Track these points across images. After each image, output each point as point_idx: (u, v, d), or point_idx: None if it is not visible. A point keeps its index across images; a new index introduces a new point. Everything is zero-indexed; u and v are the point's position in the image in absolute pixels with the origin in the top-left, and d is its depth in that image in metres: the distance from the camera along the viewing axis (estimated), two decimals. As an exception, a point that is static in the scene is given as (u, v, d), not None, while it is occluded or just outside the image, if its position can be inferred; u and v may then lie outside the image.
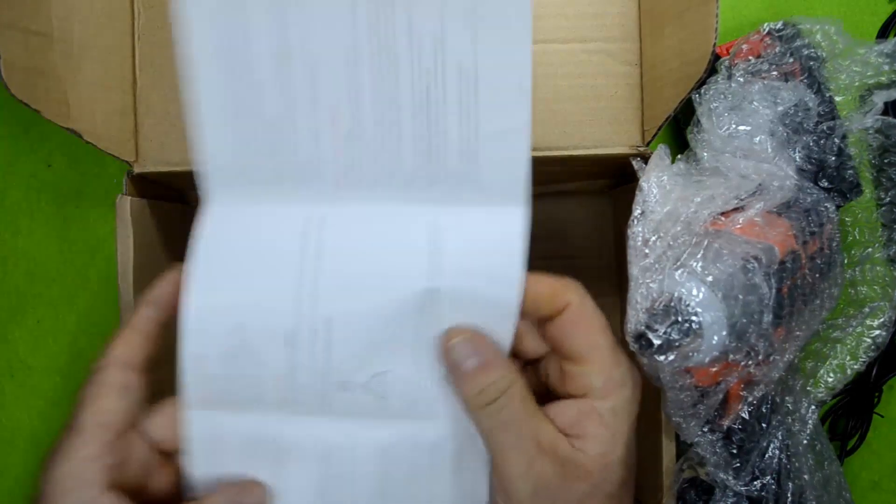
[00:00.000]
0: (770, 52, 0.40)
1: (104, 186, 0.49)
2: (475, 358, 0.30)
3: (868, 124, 0.39)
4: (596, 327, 0.31)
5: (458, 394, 0.30)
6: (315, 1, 0.28)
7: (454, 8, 0.28)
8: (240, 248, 0.29)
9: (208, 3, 0.28)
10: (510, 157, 0.30)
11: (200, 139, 0.30)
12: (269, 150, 0.30)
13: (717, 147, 0.36)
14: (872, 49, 0.39)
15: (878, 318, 0.41)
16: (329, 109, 0.30)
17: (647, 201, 0.33)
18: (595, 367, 0.30)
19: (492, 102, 0.30)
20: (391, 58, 0.29)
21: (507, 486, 0.29)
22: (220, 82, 0.29)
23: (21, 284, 0.49)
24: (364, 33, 0.28)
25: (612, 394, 0.30)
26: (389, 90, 0.29)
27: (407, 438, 0.31)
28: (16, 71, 0.33)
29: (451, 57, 0.29)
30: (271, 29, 0.28)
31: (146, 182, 0.42)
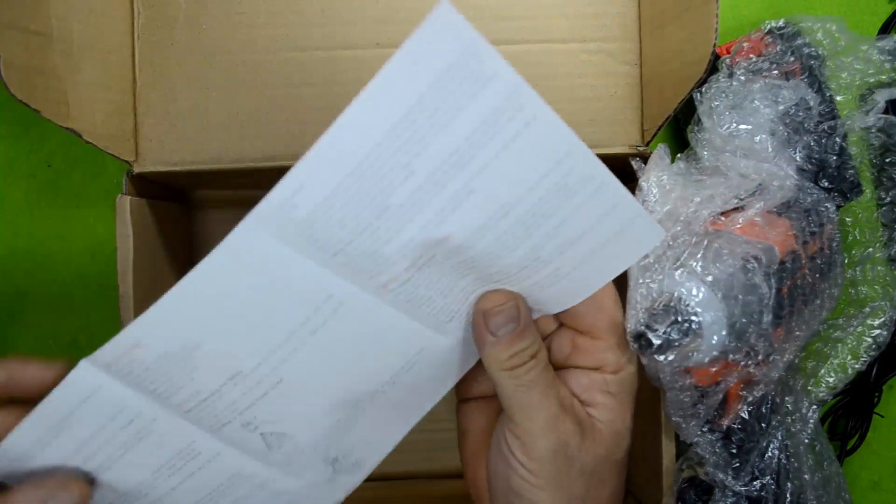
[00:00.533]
0: (771, 50, 0.40)
1: (104, 186, 0.49)
2: (513, 324, 0.30)
3: (870, 123, 0.39)
4: (613, 303, 0.32)
5: (485, 355, 0.31)
6: None
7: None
8: (254, 278, 0.26)
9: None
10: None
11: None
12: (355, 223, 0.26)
13: (718, 146, 0.36)
14: (875, 45, 0.39)
15: (879, 318, 0.41)
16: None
17: (646, 201, 0.33)
18: (611, 343, 0.31)
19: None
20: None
21: (530, 442, 0.30)
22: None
23: (21, 284, 0.49)
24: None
25: (622, 369, 0.32)
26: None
27: (263, 481, 0.31)
28: (15, 71, 0.33)
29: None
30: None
31: (146, 182, 0.42)
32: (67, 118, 0.36)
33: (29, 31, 0.34)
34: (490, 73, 0.22)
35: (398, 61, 0.21)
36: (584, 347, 0.32)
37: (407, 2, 0.42)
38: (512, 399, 0.30)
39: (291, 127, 0.42)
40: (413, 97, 0.22)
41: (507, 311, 0.30)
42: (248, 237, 0.24)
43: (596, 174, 0.26)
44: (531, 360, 0.31)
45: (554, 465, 0.30)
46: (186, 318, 0.26)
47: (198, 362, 0.27)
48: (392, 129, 0.22)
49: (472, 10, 0.42)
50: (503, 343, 0.30)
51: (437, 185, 0.24)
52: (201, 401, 0.28)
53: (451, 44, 0.21)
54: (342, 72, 0.42)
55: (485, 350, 0.31)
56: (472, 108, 0.23)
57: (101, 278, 0.49)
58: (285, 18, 0.42)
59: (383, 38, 0.42)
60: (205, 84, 0.42)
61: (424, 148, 0.23)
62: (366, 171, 0.23)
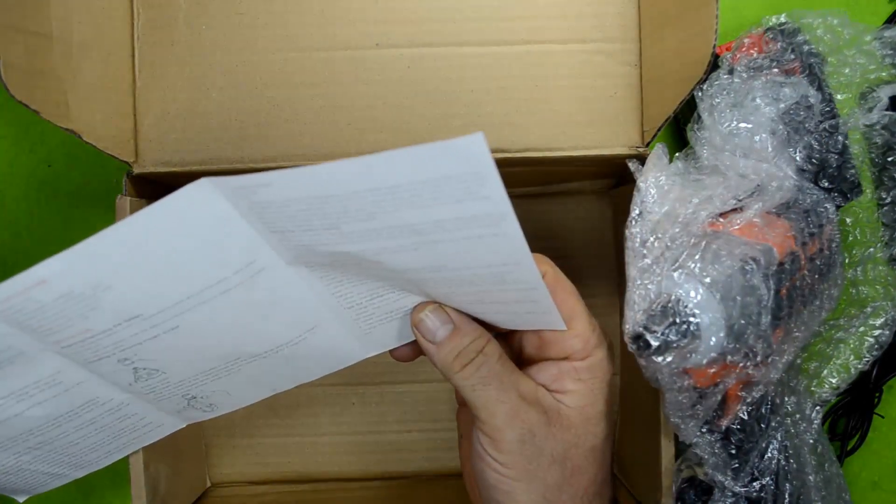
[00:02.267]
0: (772, 47, 0.40)
1: (104, 186, 0.49)
2: (446, 325, 0.31)
3: (874, 120, 0.39)
4: (571, 293, 0.33)
5: (436, 364, 0.31)
6: None
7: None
8: (190, 230, 0.26)
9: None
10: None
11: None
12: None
13: (718, 144, 0.36)
14: (880, 34, 0.39)
15: (881, 318, 0.41)
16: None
17: (644, 202, 0.33)
18: (575, 332, 0.32)
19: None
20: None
21: (496, 436, 0.31)
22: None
23: (21, 284, 0.49)
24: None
25: (590, 354, 0.32)
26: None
27: (117, 405, 0.34)
28: (15, 71, 0.33)
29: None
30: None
31: (146, 182, 0.42)
32: (67, 118, 0.37)
33: (29, 32, 0.34)
34: (484, 195, 0.24)
35: (416, 152, 0.23)
36: (550, 339, 0.32)
37: (407, 2, 0.42)
38: (472, 398, 0.31)
39: (291, 127, 0.42)
40: (407, 178, 0.24)
41: (435, 314, 0.31)
42: (201, 192, 0.25)
43: (531, 280, 0.29)
44: (479, 355, 0.31)
45: (523, 456, 0.30)
46: (110, 260, 0.26)
47: (100, 303, 0.27)
48: (373, 189, 0.24)
49: (472, 11, 0.42)
50: (445, 346, 0.31)
51: (391, 235, 0.27)
52: (87, 338, 0.29)
53: (465, 163, 0.24)
54: (342, 72, 0.42)
55: (434, 359, 0.31)
56: (453, 207, 0.25)
57: (101, 278, 0.49)
58: (285, 18, 0.42)
59: (383, 39, 0.42)
60: (205, 84, 0.42)
61: (394, 211, 0.25)
62: (333, 202, 0.25)
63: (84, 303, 0.27)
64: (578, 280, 0.50)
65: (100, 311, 0.28)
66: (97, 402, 0.33)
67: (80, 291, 0.27)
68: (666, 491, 0.38)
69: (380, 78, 0.42)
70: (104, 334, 0.29)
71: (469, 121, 0.42)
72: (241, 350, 0.33)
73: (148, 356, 0.31)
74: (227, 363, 0.34)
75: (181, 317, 0.29)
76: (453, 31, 0.42)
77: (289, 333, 0.33)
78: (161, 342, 0.30)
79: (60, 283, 0.26)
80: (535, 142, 0.42)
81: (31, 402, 0.31)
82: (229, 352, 0.33)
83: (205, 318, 0.30)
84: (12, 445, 0.33)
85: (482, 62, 0.42)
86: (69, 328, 0.28)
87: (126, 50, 0.42)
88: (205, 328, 0.30)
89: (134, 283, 0.27)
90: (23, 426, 0.32)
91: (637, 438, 0.45)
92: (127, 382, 0.32)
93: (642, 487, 0.43)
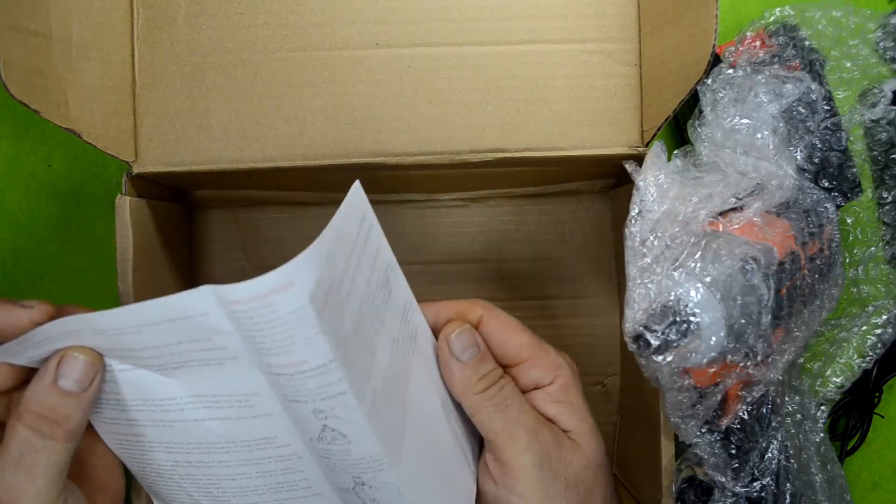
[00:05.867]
0: (773, 41, 0.40)
1: (104, 186, 0.49)
2: (474, 348, 0.31)
3: (878, 115, 0.39)
4: (514, 328, 0.33)
5: (455, 382, 0.31)
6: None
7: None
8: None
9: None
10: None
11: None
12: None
13: (719, 141, 0.36)
14: (887, 20, 0.39)
15: (883, 316, 0.41)
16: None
17: (644, 200, 0.33)
18: (531, 361, 0.32)
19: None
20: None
21: (514, 460, 0.31)
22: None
23: (21, 284, 0.49)
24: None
25: (556, 378, 0.33)
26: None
27: (289, 454, 0.31)
28: (15, 71, 0.33)
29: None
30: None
31: (146, 182, 0.42)
32: (67, 118, 0.36)
33: (29, 32, 0.34)
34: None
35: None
36: (516, 375, 0.33)
37: (407, 2, 0.42)
38: (492, 421, 0.31)
39: (291, 127, 0.42)
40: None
41: (467, 334, 0.32)
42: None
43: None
44: (501, 379, 0.32)
45: (540, 483, 0.30)
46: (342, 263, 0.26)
47: (334, 324, 0.26)
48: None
49: (472, 11, 0.42)
50: (471, 366, 0.31)
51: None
52: (297, 372, 0.26)
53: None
54: (342, 72, 0.42)
55: (455, 377, 0.31)
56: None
57: (101, 278, 0.49)
58: (285, 18, 0.42)
59: (383, 39, 0.42)
60: (204, 84, 0.42)
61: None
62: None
63: (313, 322, 0.25)
64: (579, 280, 0.50)
65: (324, 339, 0.25)
66: (273, 443, 0.30)
67: (320, 302, 0.25)
68: (666, 491, 0.38)
69: (380, 78, 0.42)
70: (317, 371, 0.26)
71: (469, 121, 0.42)
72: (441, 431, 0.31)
73: (342, 414, 0.28)
74: (419, 448, 0.31)
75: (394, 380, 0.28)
76: (453, 31, 0.42)
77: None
78: (353, 400, 0.27)
79: (303, 290, 0.24)
80: (535, 142, 0.42)
81: (215, 413, 0.29)
82: (432, 433, 0.31)
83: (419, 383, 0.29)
84: (178, 450, 0.31)
85: (482, 62, 0.42)
86: (289, 353, 0.26)
87: (126, 50, 0.42)
88: (419, 395, 0.29)
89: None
90: (196, 435, 0.30)
91: (637, 438, 0.45)
92: (310, 437, 0.29)
93: (642, 487, 0.43)
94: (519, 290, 0.50)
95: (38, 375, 0.28)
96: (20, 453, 0.27)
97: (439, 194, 0.50)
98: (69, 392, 0.27)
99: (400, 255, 0.32)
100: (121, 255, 0.39)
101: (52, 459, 0.27)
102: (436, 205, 0.50)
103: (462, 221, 0.50)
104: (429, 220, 0.50)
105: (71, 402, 0.27)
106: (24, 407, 0.27)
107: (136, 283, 0.39)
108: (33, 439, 0.27)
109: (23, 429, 0.27)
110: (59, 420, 0.27)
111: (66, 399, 0.27)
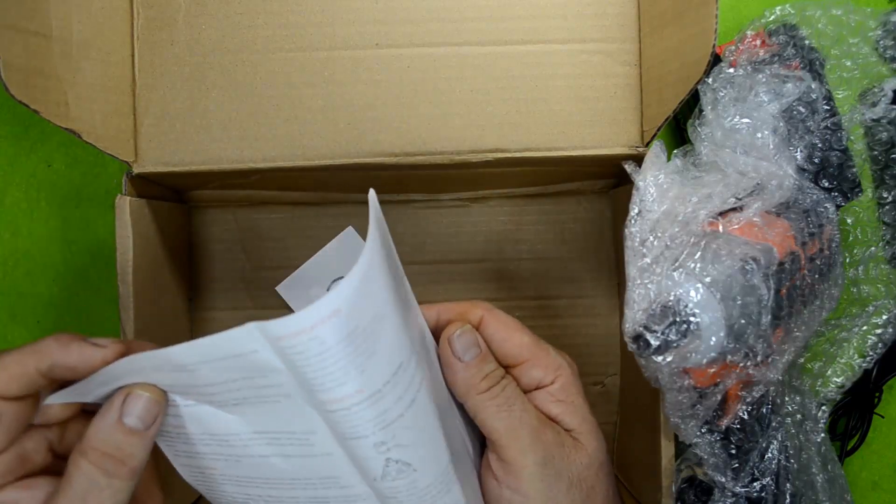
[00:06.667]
0: (774, 40, 0.40)
1: (104, 186, 0.49)
2: (476, 348, 0.31)
3: (879, 114, 0.39)
4: (514, 328, 0.33)
5: (458, 382, 0.31)
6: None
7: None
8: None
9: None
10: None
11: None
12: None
13: (719, 140, 0.35)
14: (887, 17, 0.39)
15: (883, 316, 0.41)
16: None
17: (643, 200, 0.33)
18: (531, 361, 0.32)
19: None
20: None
21: (518, 460, 0.31)
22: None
23: (21, 284, 0.49)
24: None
25: (557, 377, 0.32)
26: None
27: (352, 496, 0.31)
28: (15, 71, 0.33)
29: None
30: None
31: (146, 182, 0.42)
32: (67, 118, 0.36)
33: (29, 32, 0.34)
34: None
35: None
36: (517, 375, 0.33)
37: (407, 2, 0.42)
38: (495, 421, 0.31)
39: (291, 127, 0.42)
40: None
41: (468, 334, 0.32)
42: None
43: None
44: (503, 379, 0.32)
45: (543, 482, 0.30)
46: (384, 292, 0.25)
47: (378, 346, 0.25)
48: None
49: (472, 11, 0.42)
50: (473, 366, 0.31)
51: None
52: (353, 405, 0.26)
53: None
54: (342, 72, 0.42)
55: (457, 377, 0.31)
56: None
57: (101, 278, 0.49)
58: (285, 18, 0.42)
59: (383, 39, 0.42)
60: (204, 84, 0.42)
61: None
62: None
63: (365, 345, 0.24)
64: (579, 280, 0.50)
65: (378, 361, 0.25)
66: (337, 483, 0.30)
67: (364, 327, 0.24)
68: (666, 491, 0.38)
69: (380, 78, 0.42)
70: (375, 398, 0.25)
71: (469, 121, 0.42)
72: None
73: (404, 440, 0.27)
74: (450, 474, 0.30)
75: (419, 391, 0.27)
76: (453, 31, 0.42)
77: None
78: (410, 422, 0.27)
79: (351, 315, 0.23)
80: (535, 142, 0.42)
81: (279, 450, 0.29)
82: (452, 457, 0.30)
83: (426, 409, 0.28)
84: (248, 484, 0.31)
85: (482, 62, 0.42)
86: (343, 386, 0.25)
87: (126, 50, 0.42)
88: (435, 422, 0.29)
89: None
90: (263, 471, 0.30)
91: (637, 438, 0.45)
92: (373, 477, 0.28)
93: (642, 487, 0.43)
94: (519, 290, 0.50)
95: (103, 412, 0.28)
96: (85, 491, 0.27)
97: (439, 194, 0.50)
98: (134, 430, 0.27)
99: (400, 255, 0.32)
100: (121, 255, 0.39)
101: (117, 497, 0.27)
102: (436, 205, 0.50)
103: (462, 221, 0.50)
104: (429, 220, 0.50)
105: (135, 441, 0.28)
106: (89, 444, 0.27)
107: (136, 283, 0.39)
108: (98, 477, 0.27)
109: (88, 466, 0.27)
110: (125, 458, 0.27)
111: (131, 437, 0.27)
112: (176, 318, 0.47)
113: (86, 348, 0.28)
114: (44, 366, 0.28)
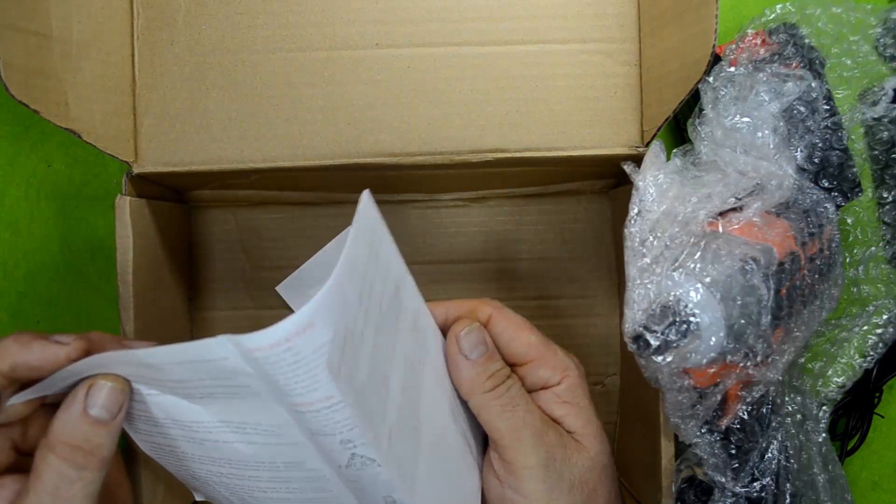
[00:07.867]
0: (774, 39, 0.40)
1: (104, 186, 0.49)
2: (482, 347, 0.31)
3: (880, 113, 0.39)
4: (522, 327, 0.33)
5: (462, 380, 0.31)
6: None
7: None
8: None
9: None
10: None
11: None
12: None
13: (719, 139, 0.35)
14: (888, 14, 0.39)
15: (884, 316, 0.41)
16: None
17: (643, 200, 0.33)
18: (539, 361, 0.32)
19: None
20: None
21: (520, 460, 0.30)
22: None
23: (21, 284, 0.49)
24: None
25: (563, 378, 0.32)
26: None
27: (317, 476, 0.31)
28: (15, 71, 0.33)
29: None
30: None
31: (145, 182, 0.42)
32: (67, 118, 0.36)
33: (29, 32, 0.34)
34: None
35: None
36: (523, 375, 0.33)
37: (407, 2, 0.42)
38: (499, 420, 0.31)
39: (291, 127, 0.42)
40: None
41: (476, 332, 0.31)
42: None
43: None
44: (508, 379, 0.31)
45: (545, 483, 0.30)
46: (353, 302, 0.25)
47: (359, 358, 0.26)
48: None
49: (472, 11, 0.42)
50: (479, 364, 0.31)
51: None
52: (324, 408, 0.26)
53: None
54: (342, 72, 0.42)
55: (462, 375, 0.31)
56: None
57: (101, 278, 0.49)
58: (285, 18, 0.42)
59: (383, 39, 0.42)
60: (204, 84, 0.42)
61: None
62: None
63: (339, 354, 0.24)
64: (579, 280, 0.50)
65: (351, 368, 0.25)
66: (302, 467, 0.30)
67: (340, 337, 0.24)
68: (666, 491, 0.38)
69: (380, 78, 0.42)
70: (344, 404, 0.26)
71: (469, 121, 0.42)
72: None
73: (366, 440, 0.27)
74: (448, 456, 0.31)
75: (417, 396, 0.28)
76: (453, 31, 0.42)
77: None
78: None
79: (325, 326, 0.23)
80: (535, 142, 0.42)
81: (243, 437, 0.29)
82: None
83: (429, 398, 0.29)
84: (210, 463, 0.31)
85: (482, 62, 0.42)
86: (315, 392, 0.25)
87: (126, 50, 0.42)
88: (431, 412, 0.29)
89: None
90: (226, 453, 0.30)
91: (637, 438, 0.45)
92: (338, 464, 0.29)
93: (642, 487, 0.43)
94: (519, 290, 0.50)
95: (67, 404, 0.27)
96: (55, 486, 0.27)
97: (439, 194, 0.50)
98: (100, 420, 0.27)
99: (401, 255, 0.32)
100: (121, 256, 0.39)
101: (88, 489, 0.27)
102: (436, 205, 0.50)
103: (462, 221, 0.50)
104: (429, 220, 0.50)
105: (102, 431, 0.27)
106: (56, 438, 0.27)
107: (136, 283, 0.39)
108: (68, 471, 0.27)
109: (56, 460, 0.27)
110: (93, 450, 0.27)
111: (97, 428, 0.27)
112: (176, 318, 0.47)
113: (48, 346, 0.28)
114: (5, 367, 0.28)
